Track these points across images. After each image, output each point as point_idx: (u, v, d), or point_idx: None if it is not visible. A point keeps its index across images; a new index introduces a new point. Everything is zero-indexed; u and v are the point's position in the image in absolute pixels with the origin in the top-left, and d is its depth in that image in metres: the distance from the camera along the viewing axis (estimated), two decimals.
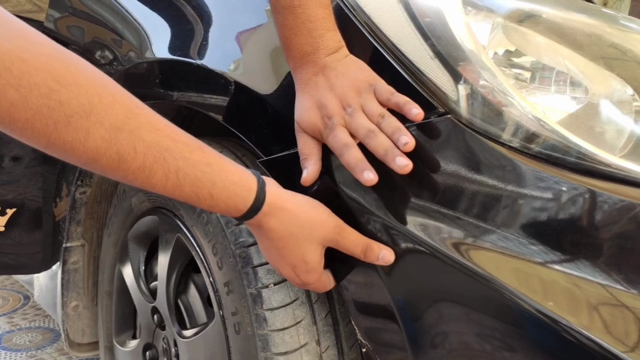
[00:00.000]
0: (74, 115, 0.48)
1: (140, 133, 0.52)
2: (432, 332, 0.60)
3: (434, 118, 0.60)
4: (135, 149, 0.52)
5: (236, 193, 0.59)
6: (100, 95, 0.50)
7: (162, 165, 0.54)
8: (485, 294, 0.56)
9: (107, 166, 0.52)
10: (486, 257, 0.57)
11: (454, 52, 0.61)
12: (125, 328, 1.13)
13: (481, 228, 0.58)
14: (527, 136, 0.58)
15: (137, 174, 0.53)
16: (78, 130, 0.49)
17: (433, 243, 0.59)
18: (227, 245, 0.76)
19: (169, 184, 0.55)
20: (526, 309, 0.54)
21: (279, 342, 0.71)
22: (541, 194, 0.56)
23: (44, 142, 0.49)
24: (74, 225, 1.15)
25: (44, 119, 0.47)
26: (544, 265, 0.55)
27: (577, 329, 0.51)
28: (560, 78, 0.64)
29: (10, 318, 1.85)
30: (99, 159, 0.51)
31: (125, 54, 0.93)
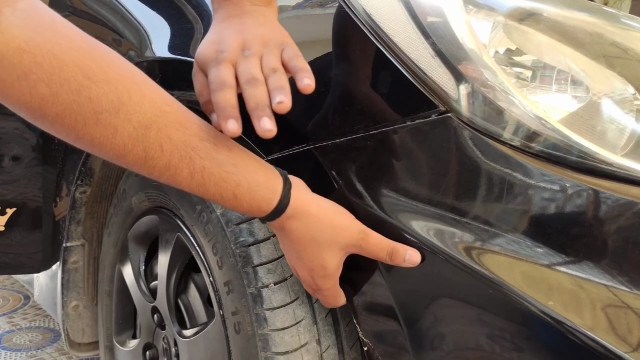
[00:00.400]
0: (103, 113, 0.48)
1: (167, 131, 0.52)
2: (434, 331, 0.60)
3: (435, 117, 0.60)
4: (162, 147, 0.52)
5: (261, 195, 0.58)
6: (129, 91, 0.50)
7: (187, 163, 0.54)
8: (485, 293, 0.56)
9: (134, 163, 0.52)
10: (486, 256, 0.57)
11: (455, 50, 0.61)
12: (125, 328, 1.13)
13: (481, 227, 0.58)
14: (528, 135, 0.58)
15: (162, 171, 0.54)
16: (106, 127, 0.49)
17: (433, 242, 0.59)
18: (227, 244, 0.75)
19: (194, 182, 0.55)
20: (529, 309, 0.53)
21: (279, 341, 0.71)
22: (542, 193, 0.56)
23: (73, 137, 0.49)
24: (74, 225, 1.15)
25: (74, 115, 0.47)
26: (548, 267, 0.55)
27: (582, 330, 0.51)
28: (561, 77, 0.63)
29: (10, 318, 1.85)
30: (125, 155, 0.51)
31: (125, 53, 0.93)
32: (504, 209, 0.57)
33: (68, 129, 0.48)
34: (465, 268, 0.57)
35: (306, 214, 0.61)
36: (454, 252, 0.58)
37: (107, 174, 1.12)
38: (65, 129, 0.49)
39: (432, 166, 0.60)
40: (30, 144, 1.11)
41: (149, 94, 0.52)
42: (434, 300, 0.60)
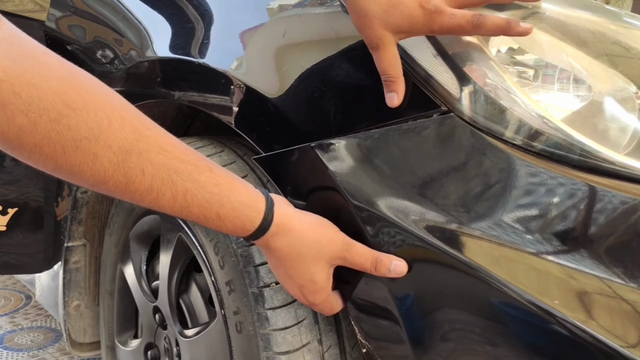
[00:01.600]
0: (82, 140, 0.48)
1: (148, 155, 0.52)
2: (434, 331, 0.60)
3: (437, 116, 0.60)
4: (143, 172, 0.52)
5: (244, 214, 0.59)
6: (109, 117, 0.49)
7: (170, 187, 0.54)
8: (489, 294, 0.56)
9: (115, 188, 0.52)
10: (487, 255, 0.57)
11: (457, 49, 0.61)
12: (126, 327, 1.13)
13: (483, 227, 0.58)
14: (530, 134, 0.57)
15: (144, 195, 0.53)
16: (86, 154, 0.48)
17: (434, 242, 0.58)
18: (229, 244, 0.75)
19: (177, 205, 0.55)
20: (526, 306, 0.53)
21: (280, 341, 0.71)
22: (545, 192, 0.56)
23: (52, 166, 0.49)
24: (75, 225, 1.15)
25: (52, 144, 0.47)
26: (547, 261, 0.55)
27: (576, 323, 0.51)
28: (563, 76, 0.63)
29: (12, 318, 1.85)
30: (106, 181, 0.51)
31: (126, 53, 0.93)
32: (507, 208, 0.57)
33: (46, 158, 0.48)
34: (467, 267, 0.57)
35: (290, 230, 0.61)
36: (456, 251, 0.57)
37: None
38: (44, 158, 0.48)
39: (434, 165, 0.60)
40: None
41: (129, 119, 0.51)
42: (434, 302, 0.60)
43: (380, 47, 0.60)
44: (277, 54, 0.73)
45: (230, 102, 0.78)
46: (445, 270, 0.58)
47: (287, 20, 0.73)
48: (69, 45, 1.04)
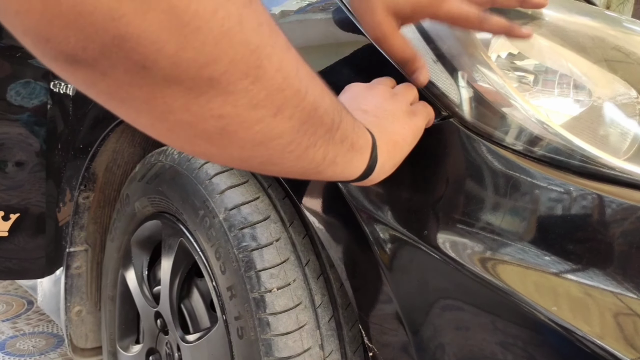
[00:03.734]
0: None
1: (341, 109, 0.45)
2: (438, 337, 0.60)
3: (437, 121, 0.60)
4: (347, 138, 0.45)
5: (354, 162, 0.49)
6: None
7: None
8: (492, 300, 0.56)
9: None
10: (490, 263, 0.57)
11: (457, 55, 0.61)
12: (128, 333, 1.13)
13: (485, 234, 0.58)
14: (530, 139, 0.58)
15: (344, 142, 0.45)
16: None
17: (435, 246, 0.58)
18: (230, 249, 0.76)
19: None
20: (536, 317, 0.53)
21: (282, 346, 0.71)
22: (545, 198, 0.56)
23: (278, 170, 0.42)
24: (77, 230, 1.15)
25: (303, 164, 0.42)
26: (550, 271, 0.55)
27: (590, 337, 0.51)
28: (563, 81, 0.63)
29: (13, 323, 1.85)
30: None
31: None
32: (507, 213, 0.57)
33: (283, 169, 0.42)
34: (469, 274, 0.57)
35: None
36: (459, 258, 0.58)
37: (110, 179, 1.12)
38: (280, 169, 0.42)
39: (435, 171, 0.60)
40: (33, 149, 1.11)
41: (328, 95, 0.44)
42: (439, 307, 0.60)
43: (386, 37, 0.57)
44: None
45: None
46: (448, 277, 0.58)
47: (289, 26, 0.73)
48: None
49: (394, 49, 0.58)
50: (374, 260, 0.63)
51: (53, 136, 1.11)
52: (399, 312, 0.62)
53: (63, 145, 1.11)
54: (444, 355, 0.59)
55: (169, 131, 0.35)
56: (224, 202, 0.78)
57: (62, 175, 1.11)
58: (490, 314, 0.56)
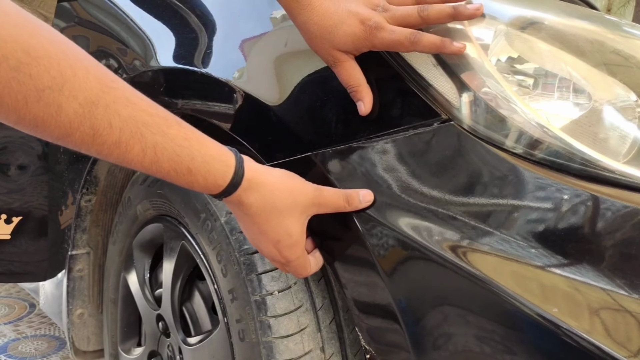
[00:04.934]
0: (45, 90, 0.46)
1: (116, 107, 0.50)
2: (435, 335, 0.60)
3: (437, 125, 0.61)
4: (110, 124, 0.50)
5: (215, 168, 0.58)
6: (73, 67, 0.47)
7: (139, 139, 0.52)
8: (486, 297, 0.56)
9: (81, 141, 0.50)
10: (486, 261, 0.57)
11: (457, 59, 0.61)
12: (130, 336, 1.13)
13: (484, 233, 0.58)
14: (530, 143, 0.58)
15: (112, 149, 0.52)
16: (50, 105, 0.47)
17: (437, 250, 0.59)
18: (231, 252, 0.76)
19: (147, 159, 0.54)
20: (527, 313, 0.53)
21: (283, 349, 0.71)
22: (545, 201, 0.56)
23: (14, 118, 0.47)
24: (79, 233, 1.15)
25: (14, 94, 0.45)
26: (546, 270, 0.55)
27: (579, 333, 0.51)
28: (563, 84, 0.64)
29: (16, 326, 1.86)
30: (72, 133, 0.49)
31: (130, 63, 0.94)
32: (508, 216, 0.57)
33: (8, 109, 0.46)
34: (468, 275, 0.57)
35: (261, 184, 0.61)
36: (457, 259, 0.58)
37: (112, 182, 1.12)
38: (5, 110, 0.46)
39: (435, 174, 0.60)
40: (36, 152, 1.11)
41: (94, 71, 0.49)
42: (436, 307, 0.60)
43: (337, 64, 0.65)
44: (279, 63, 0.74)
45: (232, 111, 0.78)
46: (446, 277, 0.58)
47: (289, 30, 0.73)
48: None
49: (342, 77, 0.65)
50: (370, 260, 0.63)
51: None
52: (396, 312, 0.62)
53: (65, 149, 1.12)
54: (442, 353, 0.59)
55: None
56: (225, 205, 0.78)
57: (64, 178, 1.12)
58: (487, 315, 0.57)
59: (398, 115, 0.64)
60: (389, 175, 0.63)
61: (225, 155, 0.59)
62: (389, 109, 0.64)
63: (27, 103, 0.46)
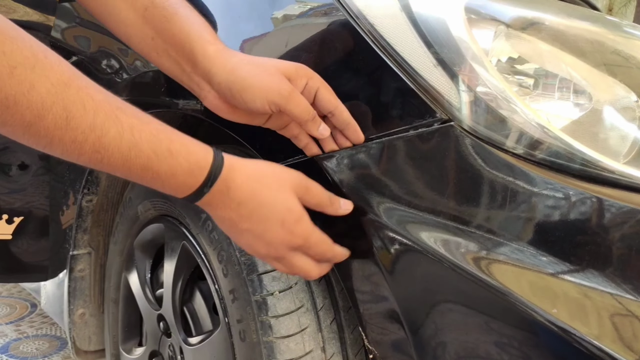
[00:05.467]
0: (17, 67, 0.46)
1: (88, 91, 0.50)
2: (439, 340, 0.60)
3: (438, 125, 0.61)
4: (84, 106, 0.49)
5: (196, 150, 0.56)
6: (45, 53, 0.48)
7: (114, 122, 0.51)
8: (490, 301, 0.56)
9: (54, 125, 0.48)
10: (490, 265, 0.57)
11: (457, 59, 0.61)
12: (131, 335, 1.13)
13: (485, 236, 0.58)
14: (530, 143, 0.58)
15: (87, 133, 0.50)
16: (22, 82, 0.46)
17: (438, 251, 0.59)
18: (232, 252, 0.76)
19: (124, 142, 0.51)
20: (533, 317, 0.53)
21: (284, 349, 0.71)
22: (545, 201, 0.56)
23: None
24: (80, 233, 1.15)
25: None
26: (549, 273, 0.55)
27: (588, 339, 0.51)
28: (563, 85, 0.64)
29: (17, 326, 1.86)
30: (45, 115, 0.48)
31: (131, 63, 0.94)
32: (508, 217, 0.57)
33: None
34: (469, 276, 0.57)
35: (243, 166, 0.59)
36: (459, 260, 0.58)
37: (113, 183, 1.12)
38: None
39: (435, 175, 0.60)
40: (37, 153, 1.12)
41: (64, 61, 0.50)
42: (438, 309, 0.60)
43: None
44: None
45: None
46: (448, 278, 0.58)
47: (291, 30, 0.73)
48: (75, 55, 1.05)
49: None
50: (374, 261, 0.63)
51: None
52: (399, 313, 0.62)
53: None
54: (444, 355, 0.60)
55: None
56: None
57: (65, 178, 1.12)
58: (488, 315, 0.57)
59: (398, 116, 0.64)
60: (388, 176, 0.63)
61: (199, 144, 0.58)
62: (389, 110, 0.64)
63: (1, 78, 0.45)
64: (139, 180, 0.56)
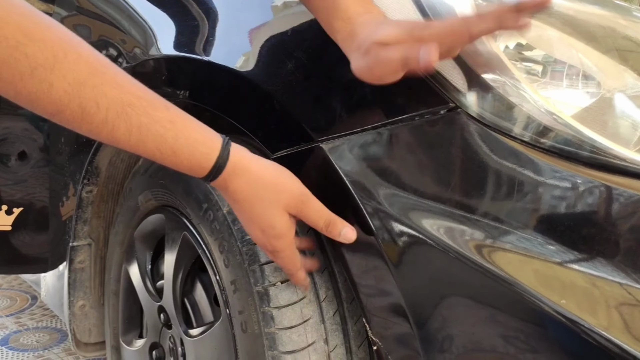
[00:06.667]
0: (38, 68, 0.51)
1: (103, 89, 0.55)
2: (444, 332, 0.59)
3: (445, 112, 0.59)
4: (97, 104, 0.54)
5: (199, 150, 0.60)
6: (65, 51, 0.53)
7: (124, 120, 0.56)
8: (497, 292, 0.55)
9: (72, 118, 0.55)
10: (497, 254, 0.56)
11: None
12: (131, 327, 1.12)
13: (492, 225, 0.57)
14: (539, 130, 0.57)
15: (100, 127, 0.56)
16: (42, 81, 0.52)
17: (443, 240, 0.58)
18: (234, 242, 0.75)
19: (132, 138, 0.57)
20: (542, 309, 0.52)
21: (286, 340, 0.70)
22: (553, 189, 0.55)
23: (13, 92, 0.52)
24: (80, 225, 1.14)
25: (11, 70, 0.51)
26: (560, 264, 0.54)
27: (596, 329, 0.50)
28: (572, 72, 0.63)
29: (17, 318, 1.86)
30: (63, 110, 0.54)
31: (130, 51, 0.93)
32: (515, 205, 0.56)
33: (7, 83, 0.52)
34: (476, 266, 0.56)
35: (247, 170, 0.62)
36: (465, 250, 0.57)
37: (113, 173, 1.11)
38: (5, 84, 0.52)
39: (442, 163, 0.59)
40: (37, 145, 1.11)
41: (85, 56, 0.54)
42: (444, 300, 0.59)
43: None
44: (282, 51, 0.72)
45: (234, 99, 0.77)
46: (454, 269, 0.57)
47: (294, 16, 0.72)
48: None
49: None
50: (377, 251, 0.62)
51: (56, 130, 1.10)
52: (404, 305, 0.61)
53: (66, 140, 1.11)
54: (449, 348, 0.59)
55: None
56: None
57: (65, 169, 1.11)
58: (496, 307, 0.56)
59: (404, 103, 0.62)
60: (394, 164, 0.62)
61: (211, 139, 0.61)
62: (395, 97, 0.63)
63: (22, 79, 0.51)
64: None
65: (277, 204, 0.63)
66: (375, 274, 0.63)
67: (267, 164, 0.64)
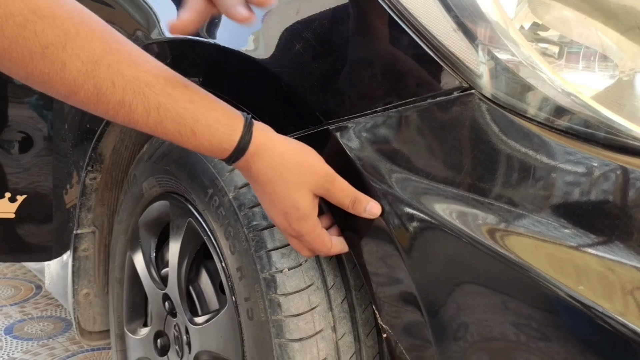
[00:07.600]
0: (49, 47, 0.48)
1: (119, 67, 0.52)
2: (456, 319, 0.57)
3: (458, 94, 0.58)
4: (114, 83, 0.52)
5: (220, 131, 0.57)
6: (77, 27, 0.49)
7: (142, 100, 0.53)
8: (511, 278, 0.54)
9: (87, 100, 0.52)
10: (511, 239, 0.54)
11: (479, 23, 0.58)
12: (136, 316, 1.11)
13: (505, 209, 0.55)
14: (555, 111, 0.55)
15: (117, 109, 0.53)
16: (54, 62, 0.49)
17: (455, 224, 0.56)
18: (240, 228, 0.73)
19: (151, 120, 0.54)
20: (557, 295, 0.51)
21: (293, 328, 0.69)
22: (569, 171, 0.54)
23: (24, 73, 0.50)
24: (84, 212, 1.13)
25: (20, 49, 0.47)
26: (576, 249, 0.52)
27: (612, 315, 0.48)
28: (589, 53, 0.61)
29: (22, 307, 1.85)
30: (77, 91, 0.51)
31: (132, 34, 0.91)
32: (529, 188, 0.55)
33: (17, 64, 0.48)
34: (489, 251, 0.54)
35: (270, 151, 0.60)
36: (478, 234, 0.55)
37: (117, 160, 1.10)
38: (15, 64, 0.49)
39: (455, 145, 0.57)
40: (42, 134, 1.10)
41: (99, 32, 0.51)
42: (457, 287, 0.58)
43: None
44: (290, 32, 0.71)
45: (242, 83, 0.76)
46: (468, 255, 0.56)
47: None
48: None
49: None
50: (390, 239, 0.61)
51: (60, 117, 1.09)
52: (415, 292, 0.60)
53: (70, 126, 1.09)
54: (463, 336, 0.57)
55: None
56: (233, 180, 0.76)
57: (69, 156, 1.10)
58: (511, 294, 0.54)
59: (415, 85, 0.61)
60: (406, 147, 0.60)
61: (233, 119, 0.58)
62: (406, 78, 0.61)
63: (33, 59, 0.48)
64: None
65: (302, 186, 0.60)
66: (386, 260, 0.62)
67: (291, 143, 0.62)
